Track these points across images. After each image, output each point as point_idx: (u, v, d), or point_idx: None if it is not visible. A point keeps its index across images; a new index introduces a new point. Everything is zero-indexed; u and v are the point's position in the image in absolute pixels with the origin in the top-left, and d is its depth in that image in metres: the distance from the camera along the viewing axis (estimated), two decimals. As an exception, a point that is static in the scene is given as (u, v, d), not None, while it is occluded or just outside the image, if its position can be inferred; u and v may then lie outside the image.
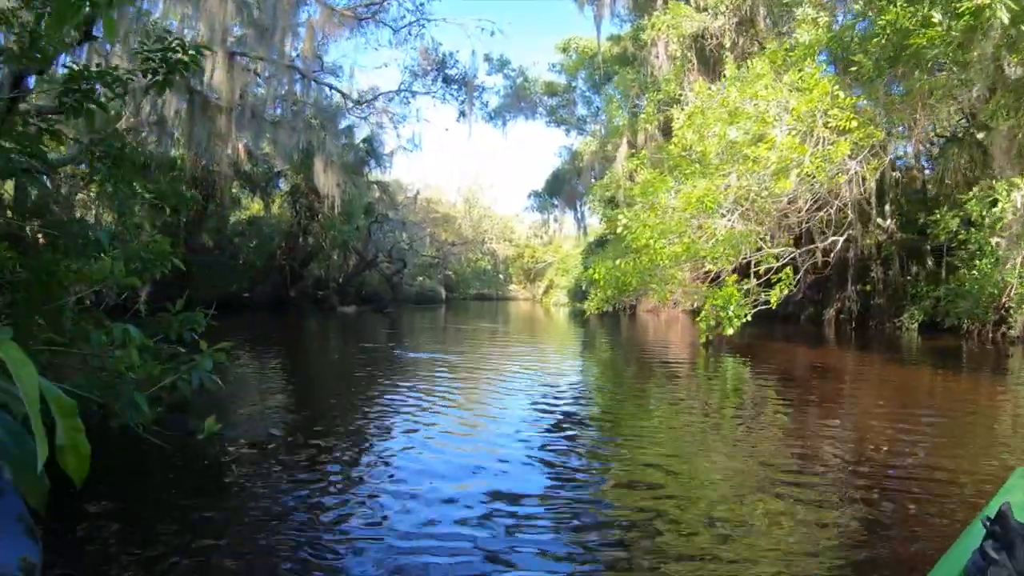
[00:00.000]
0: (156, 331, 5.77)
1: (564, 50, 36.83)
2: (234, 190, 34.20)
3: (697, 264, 14.75)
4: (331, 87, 23.62)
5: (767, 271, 14.44)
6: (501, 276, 77.96)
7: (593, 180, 35.87)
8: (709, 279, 14.71)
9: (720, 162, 14.41)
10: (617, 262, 13.92)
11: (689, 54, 21.06)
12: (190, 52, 6.11)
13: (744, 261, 14.21)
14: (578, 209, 40.36)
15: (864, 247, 22.49)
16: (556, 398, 9.37)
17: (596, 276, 14.11)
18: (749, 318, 13.69)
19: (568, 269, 59.24)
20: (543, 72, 39.13)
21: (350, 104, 26.91)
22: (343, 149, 34.77)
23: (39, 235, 21.47)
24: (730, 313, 12.99)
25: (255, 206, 38.76)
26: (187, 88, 15.06)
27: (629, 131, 22.73)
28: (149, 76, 6.24)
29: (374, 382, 10.88)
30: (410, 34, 25.30)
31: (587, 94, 38.11)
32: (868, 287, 23.93)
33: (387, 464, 5.68)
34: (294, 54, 19.18)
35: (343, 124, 35.10)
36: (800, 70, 14.64)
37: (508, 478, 5.34)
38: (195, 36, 15.87)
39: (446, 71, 27.87)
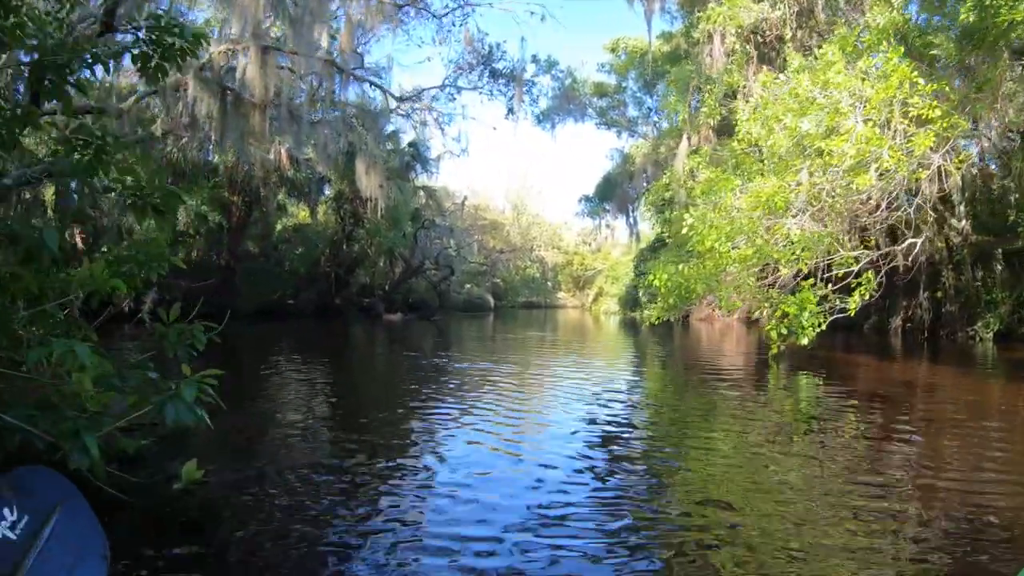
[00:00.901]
0: (152, 347, 5.01)
1: (613, 50, 35.64)
2: (280, 197, 33.95)
3: (761, 270, 13.61)
4: (372, 83, 22.40)
5: (842, 276, 13.24)
6: (550, 284, 77.19)
7: (646, 184, 34.67)
8: (772, 285, 13.56)
9: (790, 158, 13.23)
10: (680, 267, 12.78)
11: (747, 47, 19.88)
12: (189, 39, 5.20)
13: (816, 266, 13.00)
14: (630, 214, 39.05)
15: (936, 250, 20.94)
16: (611, 412, 8.79)
17: (657, 283, 12.96)
18: (823, 327, 12.48)
19: (618, 277, 58.34)
20: (592, 73, 37.77)
21: (392, 102, 25.61)
22: (389, 154, 34.19)
23: (77, 241, 21.24)
24: (804, 321, 11.80)
25: (301, 213, 38.55)
26: (218, 84, 14.39)
27: (690, 127, 21.47)
28: (140, 63, 5.33)
29: (419, 394, 10.27)
30: (454, 24, 23.93)
31: (638, 95, 36.82)
32: (939, 293, 22.29)
33: (430, 488, 5.27)
34: (333, 52, 18.30)
35: (388, 129, 34.65)
36: (875, 55, 13.42)
37: (561, 495, 5.02)
38: (227, 32, 15.34)
39: (493, 64, 26.15)
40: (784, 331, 12.21)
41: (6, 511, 2.74)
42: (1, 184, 14.90)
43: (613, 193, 37.73)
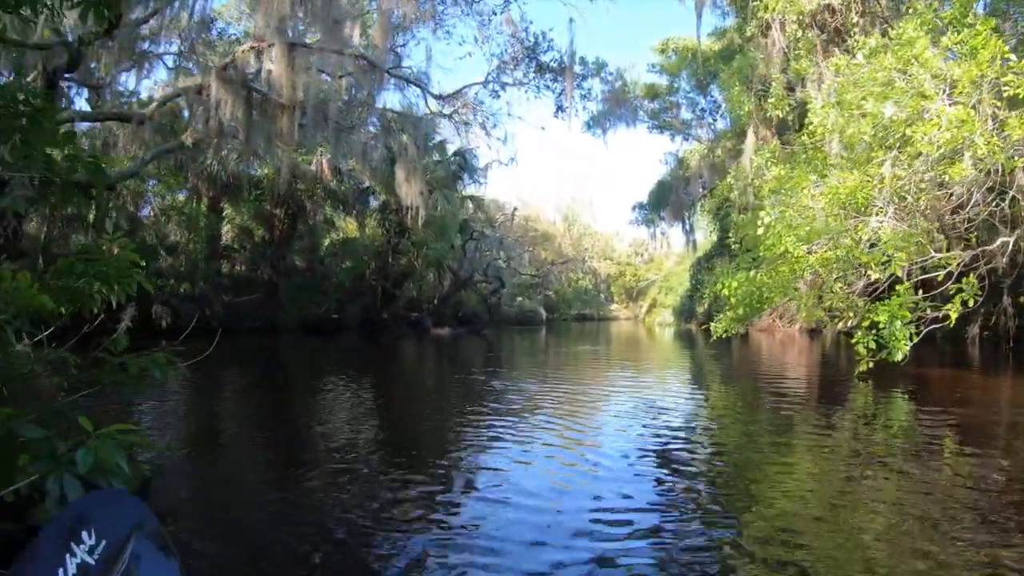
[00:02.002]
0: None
1: (662, 51, 34.31)
2: (327, 211, 33.40)
3: (839, 275, 12.13)
4: (408, 81, 21.08)
5: (931, 281, 11.72)
6: (602, 295, 76.19)
7: (701, 189, 33.25)
8: (852, 293, 12.11)
9: (870, 149, 11.80)
10: (752, 274, 11.35)
11: (809, 34, 18.40)
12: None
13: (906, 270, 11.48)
14: (686, 221, 37.53)
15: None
16: (673, 434, 8.13)
17: (726, 292, 11.54)
18: (916, 339, 10.96)
19: (673, 287, 57.46)
20: (642, 74, 36.24)
21: (431, 102, 24.11)
22: (435, 164, 33.34)
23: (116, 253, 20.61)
24: (897, 333, 10.29)
25: (350, 227, 38.06)
26: (243, 85, 13.50)
27: (758, 120, 19.91)
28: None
29: (467, 416, 9.50)
30: (495, 13, 21.85)
31: (691, 95, 35.23)
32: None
33: (479, 520, 4.80)
34: (364, 49, 17.12)
35: (435, 138, 33.77)
36: (960, 30, 11.89)
37: (621, 527, 4.60)
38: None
39: (539, 56, 23.72)
40: (873, 344, 10.72)
41: (84, 534, 2.63)
42: (25, 197, 14.13)
43: (668, 200, 36.20)
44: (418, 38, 23.07)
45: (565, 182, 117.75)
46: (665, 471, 6.14)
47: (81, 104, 20.23)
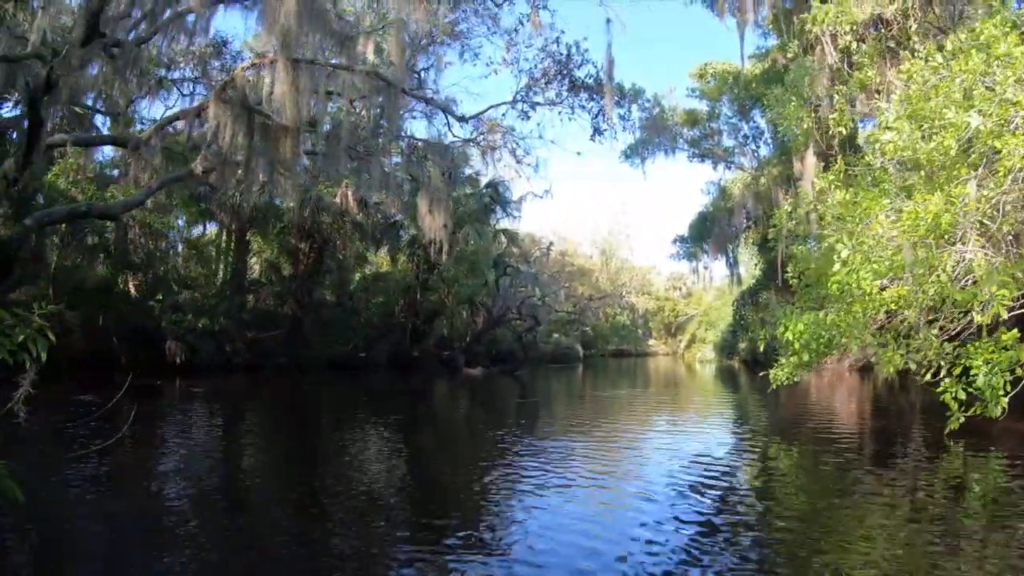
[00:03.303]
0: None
1: (700, 77, 32.92)
2: (357, 244, 32.31)
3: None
4: (427, 101, 19.28)
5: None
6: (640, 331, 74.56)
7: (746, 220, 31.62)
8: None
9: (952, 166, 10.22)
10: (822, 315, 9.68)
11: (864, 47, 16.82)
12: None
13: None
14: (729, 253, 35.76)
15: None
16: (726, 493, 7.63)
17: (790, 335, 9.86)
18: (1014, 389, 9.25)
19: (713, 322, 56.44)
20: (680, 100, 34.69)
21: (454, 124, 22.23)
22: (467, 197, 32.03)
23: (129, 287, 19.77)
24: (994, 383, 8.61)
25: (383, 261, 37.11)
26: (242, 105, 12.33)
27: (820, 136, 18.09)
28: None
29: (495, 478, 8.63)
30: (521, 23, 19.84)
31: (732, 120, 33.67)
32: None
33: None
34: (380, 68, 15.60)
35: (468, 171, 32.59)
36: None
37: None
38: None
39: (573, 72, 21.14)
40: (963, 395, 9.03)
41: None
42: (24, 226, 13.03)
43: (710, 232, 34.50)
44: (443, 61, 21.32)
45: (602, 213, 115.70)
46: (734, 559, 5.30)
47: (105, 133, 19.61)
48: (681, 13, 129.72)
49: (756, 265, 37.31)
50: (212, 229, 31.49)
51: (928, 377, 9.33)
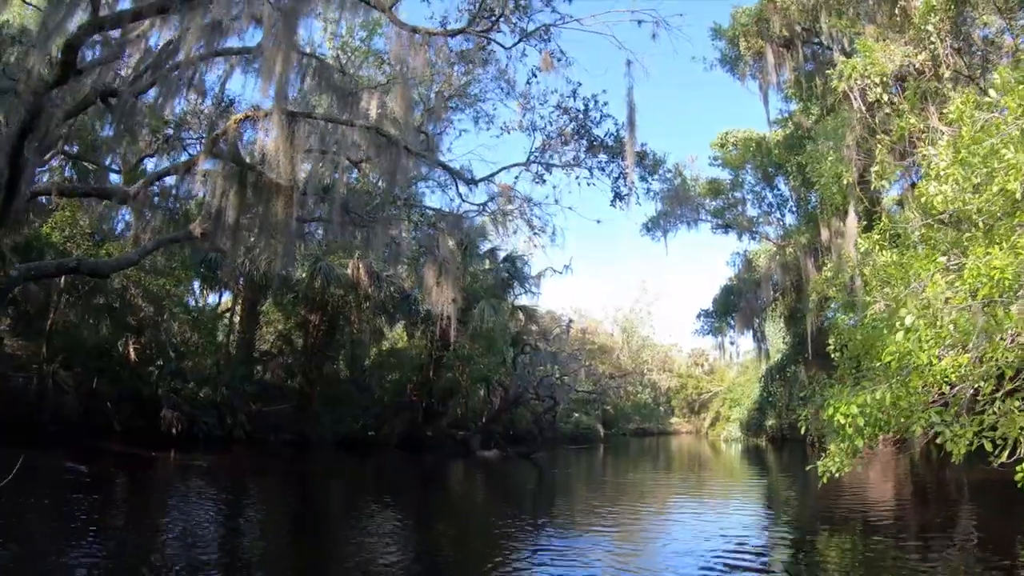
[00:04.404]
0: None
1: (721, 146, 32.58)
2: (370, 317, 31.34)
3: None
4: (432, 162, 17.78)
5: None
6: (662, 409, 72.76)
7: (773, 291, 30.55)
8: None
9: (1012, 212, 9.18)
10: (880, 394, 8.35)
11: (895, 99, 16.00)
12: None
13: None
14: (756, 327, 34.42)
15: None
16: None
17: (841, 417, 8.48)
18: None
19: (738, 399, 54.75)
20: (702, 169, 34.21)
21: (466, 190, 20.50)
22: (485, 273, 31.24)
23: (129, 352, 18.98)
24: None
25: (399, 337, 36.18)
26: (234, 160, 11.56)
27: (860, 196, 16.93)
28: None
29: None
30: (534, 75, 18.14)
31: (756, 188, 33.04)
32: None
33: None
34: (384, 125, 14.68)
35: (486, 247, 31.86)
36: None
37: None
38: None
39: (591, 130, 19.23)
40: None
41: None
42: (10, 277, 12.11)
43: (735, 305, 33.31)
44: (458, 129, 20.28)
45: (622, 291, 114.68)
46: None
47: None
48: (701, 76, 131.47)
49: (783, 339, 36.14)
50: (227, 297, 31.10)
51: (1004, 457, 8.05)
